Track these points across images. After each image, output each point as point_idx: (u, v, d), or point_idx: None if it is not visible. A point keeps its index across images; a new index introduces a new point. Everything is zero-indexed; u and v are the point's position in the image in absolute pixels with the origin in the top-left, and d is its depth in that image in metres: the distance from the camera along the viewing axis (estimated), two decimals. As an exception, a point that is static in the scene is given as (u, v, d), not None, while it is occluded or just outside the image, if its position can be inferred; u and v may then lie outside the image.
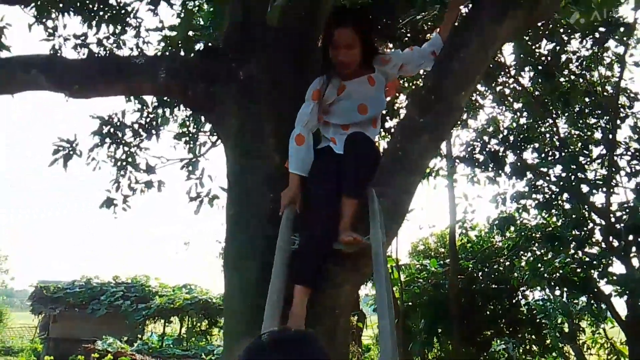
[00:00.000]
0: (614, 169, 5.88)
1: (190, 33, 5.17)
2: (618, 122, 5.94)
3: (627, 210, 5.61)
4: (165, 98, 5.06)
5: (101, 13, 5.38)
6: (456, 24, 2.45)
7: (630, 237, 5.56)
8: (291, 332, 1.00)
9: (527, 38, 5.17)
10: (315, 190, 2.20)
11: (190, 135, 5.55)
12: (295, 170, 2.22)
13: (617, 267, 5.92)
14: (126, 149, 5.15)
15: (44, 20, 5.47)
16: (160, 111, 5.23)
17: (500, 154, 6.26)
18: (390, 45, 5.65)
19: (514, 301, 9.17)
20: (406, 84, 6.77)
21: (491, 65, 5.52)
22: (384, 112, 6.68)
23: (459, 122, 5.89)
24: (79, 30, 5.15)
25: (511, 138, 6.42)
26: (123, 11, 5.40)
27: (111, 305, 17.06)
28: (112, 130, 5.02)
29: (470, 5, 2.40)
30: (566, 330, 8.32)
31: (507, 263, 8.78)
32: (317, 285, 2.07)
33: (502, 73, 6.30)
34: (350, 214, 2.12)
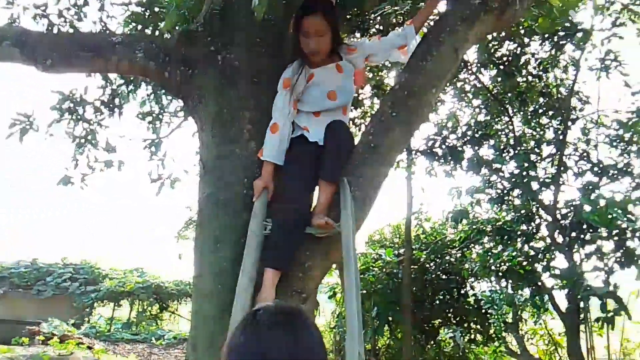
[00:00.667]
0: (562, 168, 6.19)
1: (156, 9, 5.07)
2: (569, 123, 6.25)
3: (573, 208, 5.91)
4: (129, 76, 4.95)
5: (62, -17, 5.19)
6: (430, 23, 2.55)
7: (574, 234, 5.87)
8: (284, 307, 1.06)
9: (490, 38, 5.36)
10: (290, 177, 2.25)
11: (154, 115, 5.46)
12: (267, 158, 2.25)
13: (560, 262, 6.24)
14: (86, 125, 5.03)
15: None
16: (123, 89, 5.12)
17: (458, 148, 6.47)
18: (359, 36, 5.73)
19: (462, 292, 9.50)
20: (371, 75, 6.87)
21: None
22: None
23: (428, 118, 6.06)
24: (39, 0, 4.94)
25: (469, 133, 6.64)
26: (86, -18, 5.23)
27: (58, 287, 16.51)
28: (72, 106, 4.88)
29: (445, 6, 2.50)
30: (509, 320, 8.70)
31: (459, 255, 9.08)
32: (287, 268, 2.13)
33: (464, 69, 6.50)
34: (326, 199, 2.20)
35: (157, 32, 4.87)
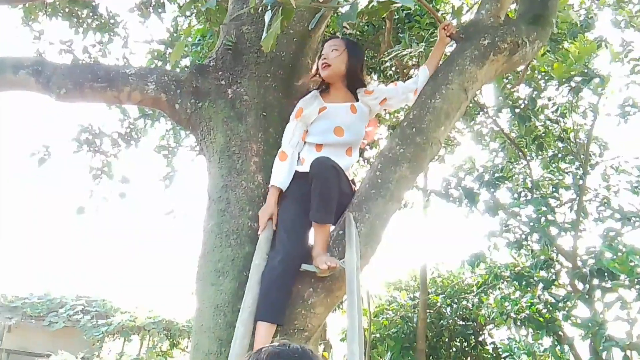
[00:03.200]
0: (582, 214, 6.05)
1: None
2: (588, 168, 6.15)
3: (593, 255, 5.74)
4: (147, 110, 5.07)
5: (89, 21, 5.43)
6: (441, 62, 2.55)
7: (595, 282, 5.67)
8: (288, 349, 0.99)
9: (506, 81, 5.37)
10: (282, 216, 2.18)
11: (170, 149, 5.54)
12: (275, 182, 2.21)
13: (582, 310, 6.02)
14: (103, 157, 5.13)
15: (30, 23, 5.49)
16: (141, 122, 5.23)
17: (474, 191, 6.39)
18: (375, 77, 5.80)
19: (479, 339, 9.21)
20: (387, 116, 6.92)
21: (470, 105, 5.71)
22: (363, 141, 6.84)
23: (436, 156, 6.03)
24: (65, 36, 5.16)
25: (486, 176, 6.57)
26: (112, 21, 5.46)
27: (69, 319, 16.45)
28: (90, 137, 4.99)
29: (455, 46, 2.51)
30: (529, 371, 8.35)
31: (476, 300, 8.85)
32: (281, 322, 2.02)
33: (481, 113, 6.50)
34: (321, 240, 2.12)
35: (178, 69, 5.02)
